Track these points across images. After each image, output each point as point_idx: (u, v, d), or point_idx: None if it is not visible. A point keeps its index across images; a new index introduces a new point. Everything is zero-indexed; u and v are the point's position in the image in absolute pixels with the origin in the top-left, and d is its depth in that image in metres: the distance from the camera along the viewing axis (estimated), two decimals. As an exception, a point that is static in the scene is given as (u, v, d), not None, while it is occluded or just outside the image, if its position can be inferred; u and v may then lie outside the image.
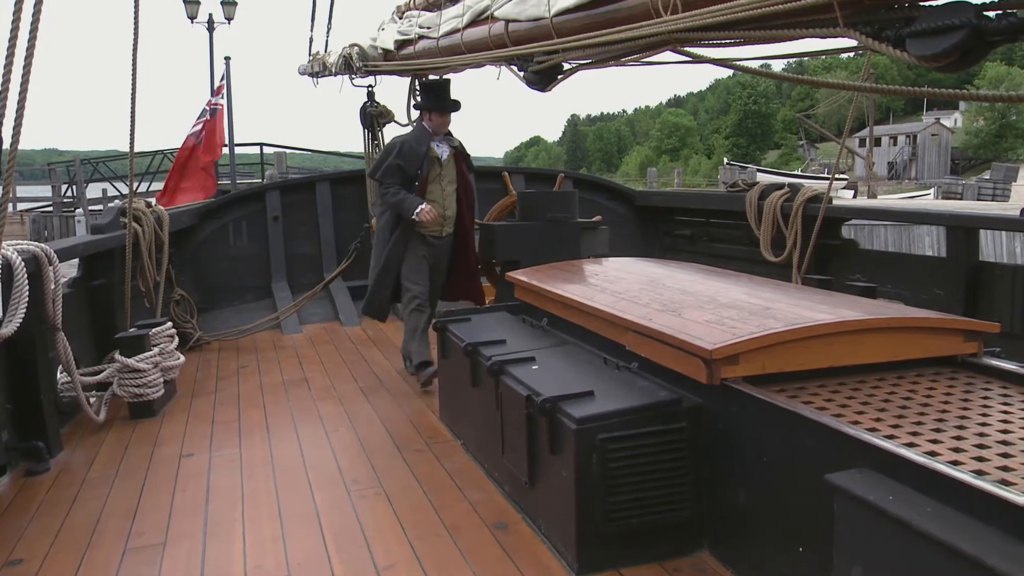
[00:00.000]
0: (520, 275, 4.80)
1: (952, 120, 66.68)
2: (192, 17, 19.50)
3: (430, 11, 6.28)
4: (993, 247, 15.43)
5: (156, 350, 5.23)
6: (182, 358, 5.66)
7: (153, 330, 5.38)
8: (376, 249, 5.88)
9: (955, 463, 2.08)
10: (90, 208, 21.20)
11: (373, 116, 8.52)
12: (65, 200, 23.15)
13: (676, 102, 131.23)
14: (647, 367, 3.27)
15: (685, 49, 3.35)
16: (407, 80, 7.73)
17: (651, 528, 2.91)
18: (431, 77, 5.73)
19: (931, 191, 36.91)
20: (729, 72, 3.86)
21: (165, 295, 6.96)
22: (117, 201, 18.92)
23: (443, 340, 4.46)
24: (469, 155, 5.97)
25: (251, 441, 4.53)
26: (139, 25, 4.73)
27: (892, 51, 2.29)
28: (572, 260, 5.50)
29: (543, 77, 4.40)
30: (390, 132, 8.61)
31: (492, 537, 3.21)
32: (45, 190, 25.22)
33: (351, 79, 8.30)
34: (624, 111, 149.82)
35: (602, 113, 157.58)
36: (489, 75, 5.23)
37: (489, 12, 4.86)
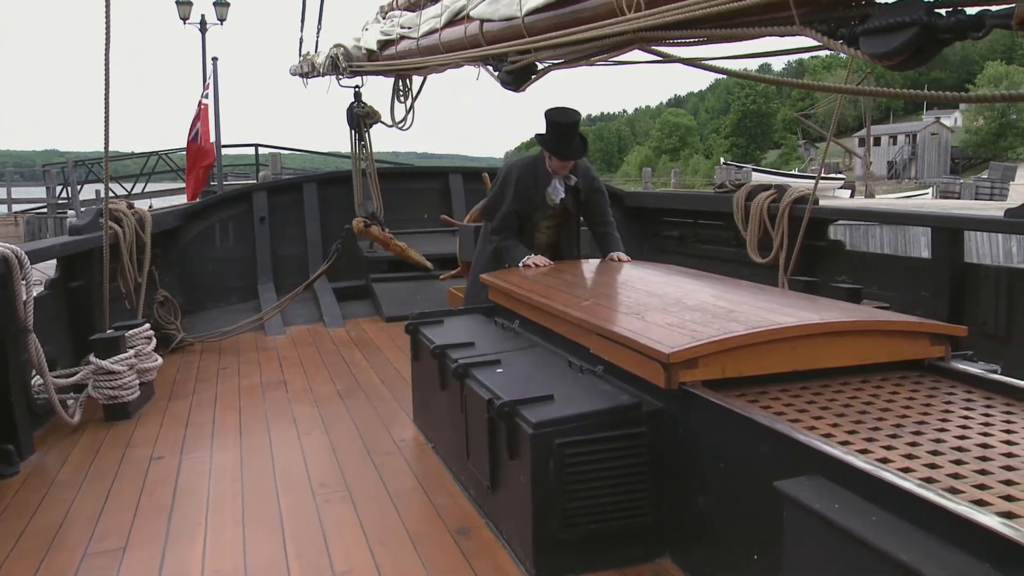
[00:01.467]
0: (493, 277, 4.74)
1: (952, 119, 66.60)
2: (184, 18, 19.47)
3: (412, 11, 6.26)
4: (988, 248, 15.42)
5: (131, 352, 5.19)
6: (159, 360, 5.62)
7: (130, 332, 5.35)
8: (473, 274, 5.61)
9: (906, 470, 2.03)
10: (82, 209, 21.19)
11: (360, 117, 8.49)
12: (60, 201, 23.14)
13: (676, 102, 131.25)
14: (612, 371, 3.20)
15: (654, 48, 3.33)
16: (411, 80, 7.71)
17: (611, 534, 2.87)
18: (553, 109, 5.14)
19: (929, 191, 36.89)
20: (705, 72, 3.82)
21: (148, 296, 6.93)
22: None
23: (415, 342, 4.43)
24: (594, 180, 5.46)
25: (223, 444, 4.49)
26: (111, 29, 4.69)
27: (847, 50, 2.25)
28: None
29: (516, 77, 4.37)
30: (377, 133, 8.60)
31: (453, 542, 3.18)
32: (41, 191, 25.22)
33: (338, 80, 8.28)
34: (624, 111, 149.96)
35: (603, 113, 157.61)
36: (485, 75, 5.17)
37: (465, 12, 4.84)
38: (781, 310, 3.15)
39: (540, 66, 4.26)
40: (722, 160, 53.08)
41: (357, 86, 8.47)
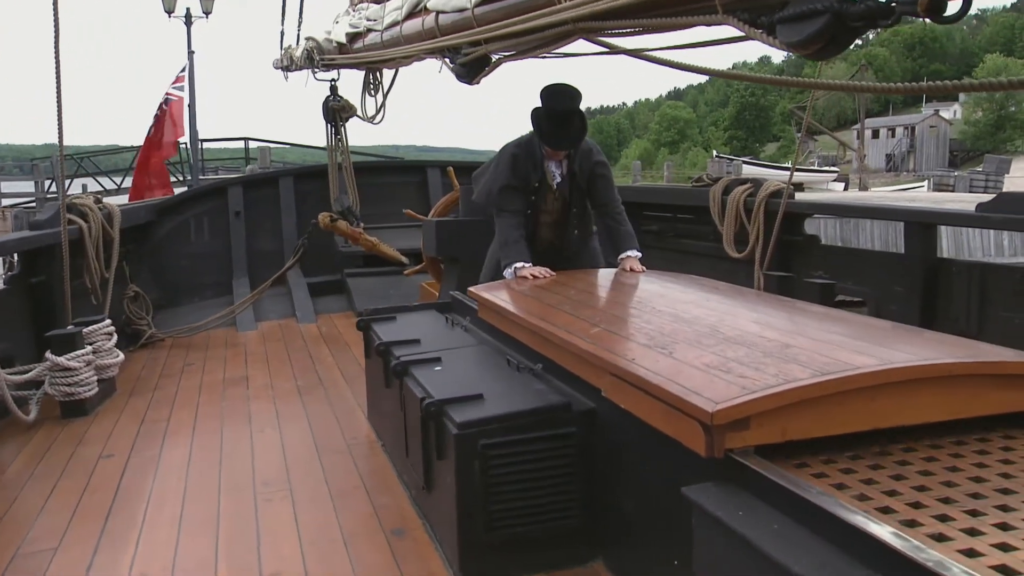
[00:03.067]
0: (481, 291, 4.04)
1: (951, 112, 66.43)
2: (169, 11, 19.30)
3: (377, 3, 6.18)
4: (980, 242, 15.35)
5: (89, 348, 5.13)
6: (121, 356, 5.56)
7: (89, 328, 5.29)
8: (483, 277, 4.99)
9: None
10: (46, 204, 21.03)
11: (335, 111, 8.43)
12: (48, 196, 23.06)
13: (676, 95, 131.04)
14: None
15: (599, 39, 3.26)
16: (382, 73, 7.63)
17: (538, 537, 2.81)
18: (549, 88, 4.50)
19: (925, 183, 36.78)
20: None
21: (119, 292, 6.87)
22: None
23: (367, 339, 4.37)
24: (596, 162, 4.70)
25: (174, 442, 4.44)
26: (59, 23, 4.63)
27: (767, 39, 2.19)
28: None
29: (469, 70, 4.31)
30: (353, 127, 8.53)
31: (386, 544, 3.13)
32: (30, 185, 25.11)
33: (313, 73, 8.21)
34: (624, 104, 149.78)
35: (602, 106, 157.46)
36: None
37: (423, 4, 4.78)
38: (850, 343, 2.47)
39: (494, 58, 4.21)
40: (715, 153, 52.90)
41: (333, 80, 8.40)
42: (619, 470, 2.70)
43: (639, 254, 4.53)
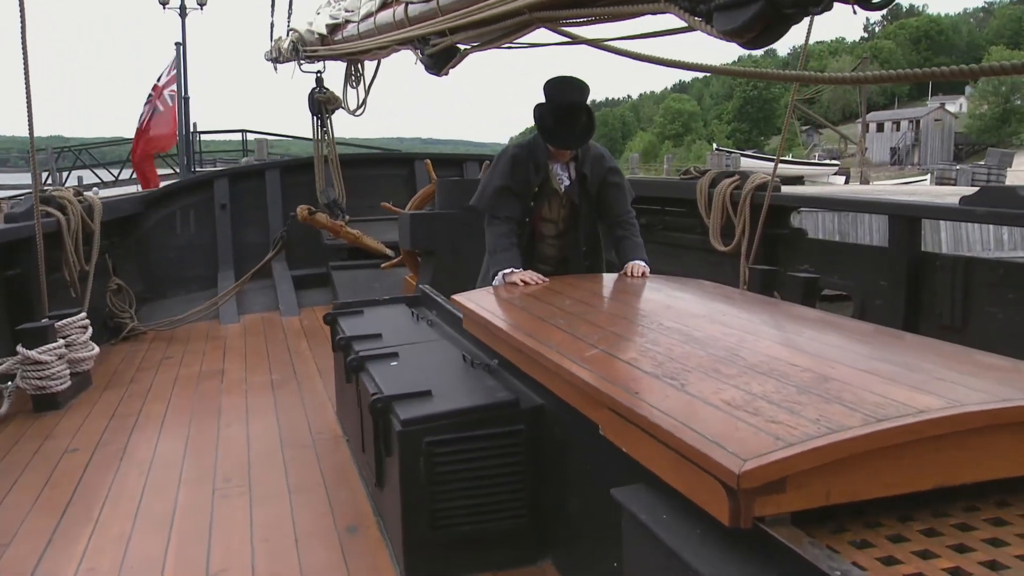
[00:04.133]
0: (466, 300, 3.50)
1: (957, 105, 66.04)
2: (164, 2, 19.28)
3: (356, -7, 6.13)
4: (980, 236, 15.23)
5: (61, 342, 5.10)
6: (96, 349, 5.53)
7: (63, 321, 5.25)
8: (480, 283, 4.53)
9: None
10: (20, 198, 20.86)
11: (321, 103, 8.38)
12: (45, 188, 22.91)
13: (681, 87, 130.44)
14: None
15: (562, 29, 3.22)
16: (363, 65, 7.57)
17: (486, 536, 2.76)
18: (553, 80, 4.03)
19: (928, 177, 36.56)
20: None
21: (101, 285, 6.85)
22: (95, 189, 18.81)
23: (333, 333, 4.33)
24: (609, 168, 4.31)
25: (141, 436, 4.41)
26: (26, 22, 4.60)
27: (706, 27, 2.14)
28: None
29: (437, 60, 4.27)
30: (339, 119, 8.48)
31: (337, 541, 3.09)
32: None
33: (299, 65, 8.15)
34: (629, 96, 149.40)
35: (607, 98, 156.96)
36: (495, 58, 4.91)
37: (394, -6, 4.74)
38: (902, 374, 2.03)
39: (462, 48, 4.16)
40: (714, 146, 52.62)
41: (319, 71, 8.35)
42: (568, 468, 2.65)
43: (646, 267, 4.08)
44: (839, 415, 1.77)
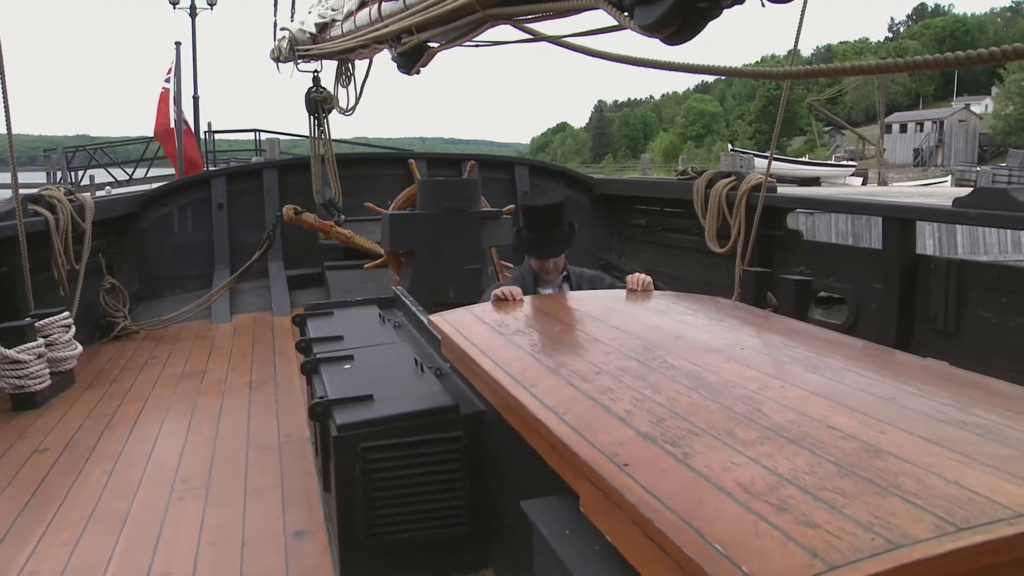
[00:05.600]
0: (444, 323, 2.98)
1: (983, 106, 65.09)
2: (174, 3, 19.37)
3: (342, -9, 6.10)
4: (997, 239, 14.95)
5: (41, 341, 5.10)
6: (79, 348, 5.53)
7: (44, 320, 5.26)
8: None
9: None
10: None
11: (318, 102, 8.36)
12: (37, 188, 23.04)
13: (704, 88, 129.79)
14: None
15: (524, 26, 3.16)
16: (353, 64, 7.55)
17: (425, 543, 2.70)
18: (532, 199, 3.65)
19: (949, 178, 36.04)
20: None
21: (94, 284, 6.86)
22: (108, 188, 18.97)
23: (302, 334, 4.29)
24: (599, 282, 4.06)
25: (111, 436, 4.39)
26: None
27: (630, 22, 2.07)
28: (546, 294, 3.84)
29: (407, 60, 4.22)
30: (336, 119, 8.46)
31: (283, 546, 3.04)
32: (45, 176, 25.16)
33: (295, 64, 8.14)
34: (651, 97, 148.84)
35: (629, 99, 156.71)
36: (512, 57, 4.79)
37: (370, -9, 4.70)
38: (982, 446, 1.54)
39: (430, 46, 4.11)
40: (729, 146, 52.11)
41: (316, 71, 8.34)
42: (509, 476, 2.59)
43: (649, 280, 3.66)
44: (901, 516, 1.27)
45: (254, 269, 8.37)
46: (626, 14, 2.09)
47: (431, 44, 4.08)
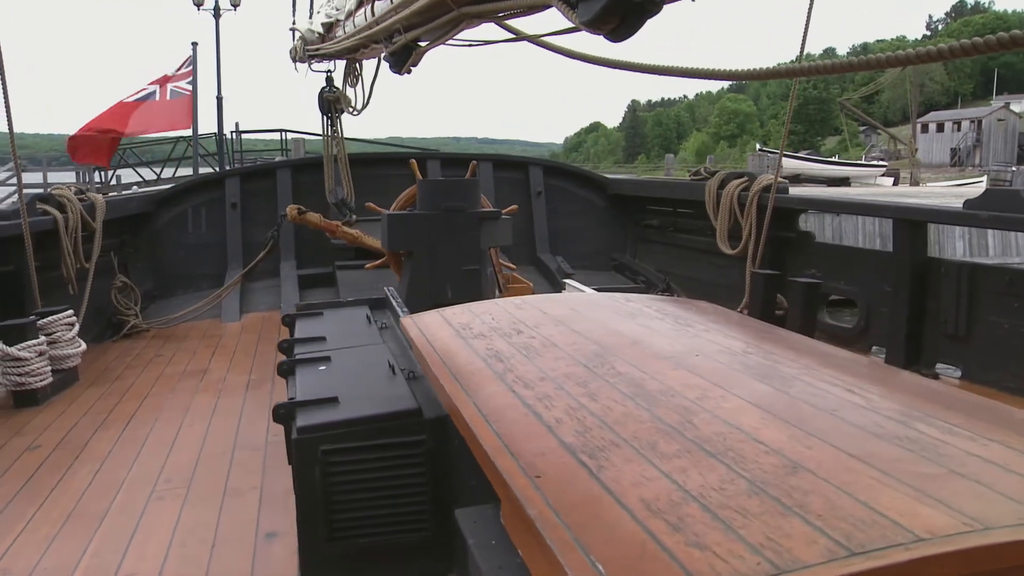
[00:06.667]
0: (412, 326, 2.93)
1: (1023, 104, 63.86)
2: (198, 4, 19.56)
3: (347, -9, 6.10)
4: (1015, 244, 14.59)
5: (43, 339, 5.15)
6: (82, 346, 5.58)
7: (48, 318, 5.31)
8: None
9: None
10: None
11: (330, 102, 8.36)
12: (95, 187, 23.50)
13: (738, 87, 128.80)
14: None
15: (506, 23, 3.13)
16: (361, 65, 7.55)
17: (387, 548, 2.66)
18: None
19: (984, 178, 35.34)
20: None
21: (106, 282, 6.94)
22: (135, 187, 19.22)
23: (290, 335, 4.28)
24: None
25: (103, 435, 4.42)
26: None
27: (576, 19, 2.02)
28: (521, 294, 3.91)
29: (397, 59, 4.20)
30: (348, 118, 8.46)
31: (253, 548, 3.03)
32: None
33: (309, 64, 8.17)
34: (685, 96, 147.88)
35: (663, 99, 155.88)
36: (548, 57, 4.79)
37: (365, -10, 4.68)
38: (912, 463, 1.45)
39: (421, 45, 4.08)
40: (757, 146, 51.46)
41: (329, 71, 8.34)
42: (466, 481, 2.55)
43: None
44: (796, 538, 1.19)
45: (268, 268, 8.41)
46: (574, 11, 2.04)
47: (421, 44, 4.06)
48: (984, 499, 1.26)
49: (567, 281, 8.32)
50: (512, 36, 3.13)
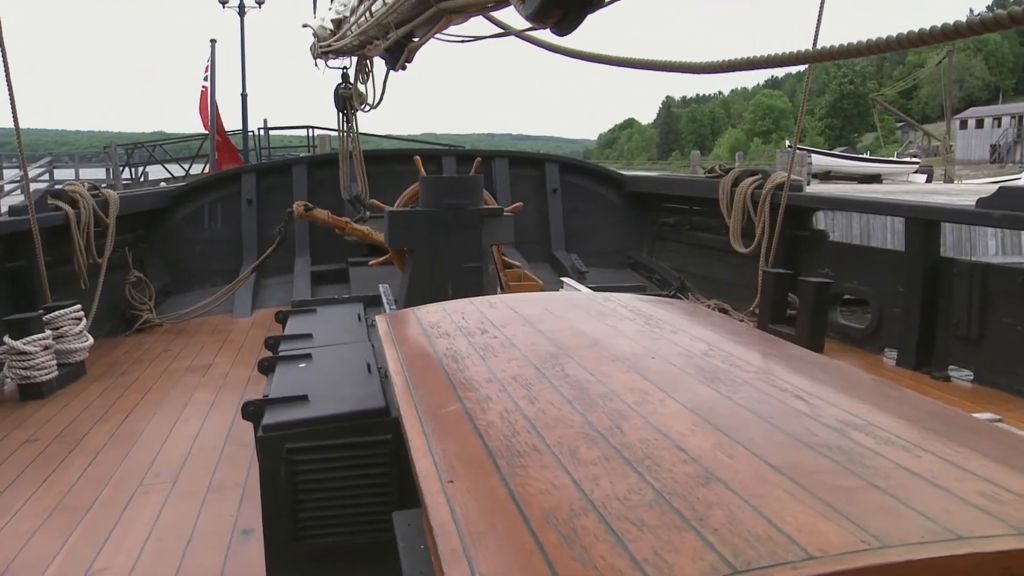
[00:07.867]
0: (383, 324, 2.92)
1: (1067, 100, 62.47)
2: (223, 2, 19.70)
3: (355, -12, 6.10)
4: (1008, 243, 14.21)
5: (48, 333, 5.21)
6: (90, 340, 5.64)
7: (54, 312, 5.37)
8: None
9: None
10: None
11: (345, 99, 8.37)
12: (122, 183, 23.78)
13: (773, 83, 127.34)
14: None
15: (495, 19, 3.10)
16: (372, 61, 7.55)
17: (353, 548, 2.64)
18: None
19: (1022, 175, 34.55)
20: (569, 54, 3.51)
21: (120, 277, 7.01)
22: (162, 184, 19.43)
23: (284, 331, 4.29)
24: None
25: (102, 428, 4.46)
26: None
27: (526, 17, 1.99)
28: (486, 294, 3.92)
29: (392, 55, 4.19)
30: (364, 115, 8.45)
31: (227, 545, 3.03)
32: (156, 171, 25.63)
33: (325, 61, 8.19)
34: (720, 93, 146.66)
35: (697, 95, 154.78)
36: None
37: (366, -13, 4.67)
38: (831, 475, 1.36)
39: (414, 41, 4.07)
40: (786, 143, 50.70)
41: (344, 67, 8.35)
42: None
43: None
44: (683, 554, 1.13)
45: (282, 264, 8.45)
46: (523, 4, 2.00)
47: (415, 40, 4.04)
48: (894, 515, 1.19)
49: (564, 280, 8.26)
50: (500, 32, 3.11)
